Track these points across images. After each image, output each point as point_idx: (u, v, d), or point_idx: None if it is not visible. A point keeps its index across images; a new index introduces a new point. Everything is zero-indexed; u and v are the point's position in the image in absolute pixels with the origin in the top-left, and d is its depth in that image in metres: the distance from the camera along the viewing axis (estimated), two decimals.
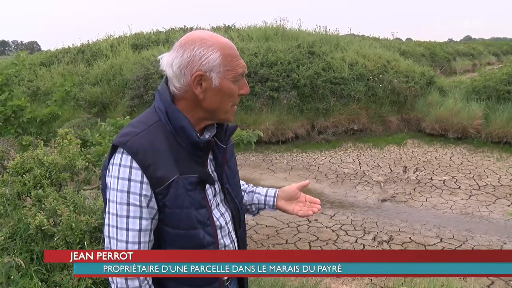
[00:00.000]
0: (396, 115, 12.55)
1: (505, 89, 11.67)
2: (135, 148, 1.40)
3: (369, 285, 4.94)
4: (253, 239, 6.23)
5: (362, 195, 8.17)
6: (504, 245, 6.10)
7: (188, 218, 1.45)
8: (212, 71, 1.44)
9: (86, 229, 2.99)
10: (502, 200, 7.81)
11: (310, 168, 9.85)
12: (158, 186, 1.41)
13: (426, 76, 13.78)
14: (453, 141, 11.52)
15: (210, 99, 1.48)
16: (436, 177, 9.15)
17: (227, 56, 1.46)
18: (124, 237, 1.41)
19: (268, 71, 12.25)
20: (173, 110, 1.47)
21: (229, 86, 1.48)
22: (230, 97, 1.51)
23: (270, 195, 1.88)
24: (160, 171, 1.40)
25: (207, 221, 1.50)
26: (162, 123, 1.47)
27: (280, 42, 14.65)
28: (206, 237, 1.50)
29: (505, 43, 46.45)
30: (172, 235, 1.46)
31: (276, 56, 12.94)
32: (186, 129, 1.45)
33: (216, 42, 1.47)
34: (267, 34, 15.77)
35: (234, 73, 1.48)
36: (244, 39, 15.37)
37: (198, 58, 1.44)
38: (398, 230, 6.60)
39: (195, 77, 1.44)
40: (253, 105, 11.69)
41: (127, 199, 1.40)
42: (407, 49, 21.91)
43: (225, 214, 1.63)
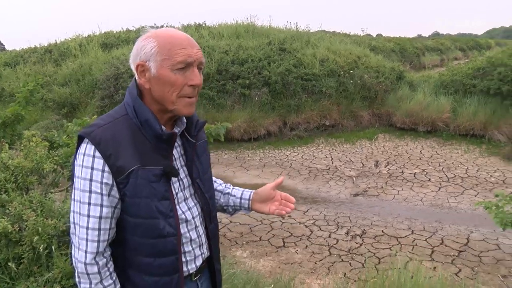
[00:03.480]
0: (367, 110, 12.68)
1: (471, 83, 11.91)
2: (98, 138, 1.45)
3: (343, 279, 4.98)
4: (227, 237, 6.22)
5: (334, 190, 8.23)
6: (471, 233, 6.26)
7: (148, 208, 1.49)
8: (150, 60, 1.48)
9: (54, 233, 2.93)
10: (470, 191, 8.00)
11: (282, 164, 9.88)
12: (118, 175, 1.46)
13: (396, 71, 13.98)
14: (423, 135, 11.72)
15: (154, 89, 1.51)
16: (407, 170, 9.29)
17: (166, 45, 1.47)
18: (85, 223, 1.46)
19: (239, 68, 12.23)
20: (139, 104, 1.52)
21: (168, 75, 1.48)
22: (172, 86, 1.49)
23: (245, 198, 1.92)
24: (121, 161, 1.45)
25: (169, 212, 1.54)
26: (128, 117, 1.52)
27: (251, 39, 14.64)
28: (167, 227, 1.53)
29: (470, 39, 47.50)
30: (132, 223, 1.51)
31: (247, 54, 12.93)
32: (150, 121, 1.50)
33: (158, 33, 1.51)
34: (238, 31, 15.75)
35: (172, 61, 1.47)
36: (215, 37, 15.31)
37: (139, 50, 1.50)
38: (370, 223, 6.68)
39: (137, 67, 1.51)
40: (225, 103, 11.66)
41: (89, 186, 1.45)
42: (377, 45, 22.16)
43: (193, 208, 1.67)
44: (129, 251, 1.54)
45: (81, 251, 1.47)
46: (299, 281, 5.02)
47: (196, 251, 1.68)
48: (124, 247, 1.54)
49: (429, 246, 5.91)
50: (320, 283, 4.95)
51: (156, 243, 1.53)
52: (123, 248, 1.54)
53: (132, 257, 1.55)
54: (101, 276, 1.48)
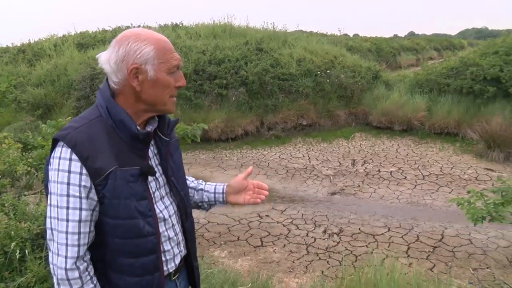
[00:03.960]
0: (343, 109, 12.78)
1: (445, 82, 12.11)
2: (74, 141, 1.44)
3: (320, 277, 5.02)
4: (205, 237, 6.21)
5: (312, 189, 8.28)
6: (445, 229, 6.37)
7: (127, 208, 1.49)
8: (147, 63, 1.49)
9: (27, 237, 2.88)
10: (444, 188, 8.14)
11: (260, 164, 9.90)
12: (96, 178, 1.44)
13: (372, 71, 14.13)
14: (399, 133, 11.87)
15: (148, 91, 1.53)
16: (384, 169, 9.39)
17: (161, 49, 1.52)
18: (64, 227, 1.44)
19: (216, 68, 12.20)
20: (113, 104, 1.51)
21: (164, 78, 1.54)
22: (167, 89, 1.56)
23: (218, 191, 1.96)
24: (99, 162, 1.44)
25: (148, 212, 1.55)
26: (102, 118, 1.51)
27: (228, 39, 14.61)
28: (147, 227, 1.54)
29: (444, 39, 48.28)
30: (111, 225, 1.50)
31: (224, 54, 12.91)
32: (125, 122, 1.50)
33: (150, 36, 1.53)
34: (215, 31, 15.70)
35: (169, 65, 1.53)
36: (192, 37, 15.22)
37: (133, 52, 1.48)
38: (348, 222, 6.74)
39: (131, 70, 1.49)
40: (202, 103, 11.62)
41: (67, 190, 1.43)
42: (354, 45, 22.38)
43: (169, 207, 1.68)
44: (109, 253, 1.53)
45: (60, 256, 1.44)
46: (277, 280, 5.04)
47: (175, 250, 1.69)
48: (104, 249, 1.53)
49: (405, 243, 5.99)
50: (298, 282, 4.97)
51: (137, 243, 1.53)
52: (103, 250, 1.53)
53: (112, 259, 1.54)
54: (82, 281, 1.47)
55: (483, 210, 3.74)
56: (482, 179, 8.49)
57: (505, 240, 6.00)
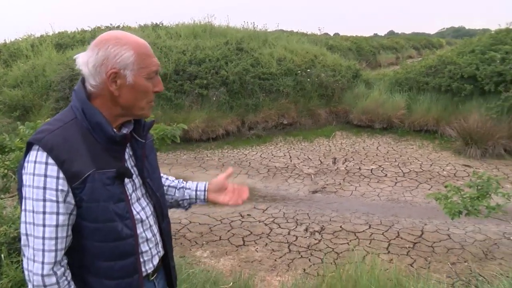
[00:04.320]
0: (324, 108, 12.83)
1: (424, 80, 12.25)
2: (50, 144, 1.42)
3: (303, 275, 5.04)
4: (186, 238, 6.19)
5: (293, 188, 8.31)
6: (425, 225, 6.46)
7: (106, 212, 1.48)
8: (126, 68, 1.49)
9: (3, 240, 2.84)
10: (424, 185, 8.24)
11: (241, 163, 9.90)
12: (74, 181, 1.43)
13: (352, 70, 14.21)
14: (379, 131, 11.97)
15: (126, 96, 1.52)
16: (364, 167, 9.47)
17: (141, 55, 1.52)
18: (40, 233, 1.41)
19: (196, 68, 12.16)
20: (89, 107, 1.50)
21: (143, 83, 1.54)
22: (145, 94, 1.56)
23: (200, 189, 1.99)
24: (76, 166, 1.43)
25: (126, 214, 1.54)
26: (78, 121, 1.49)
27: (209, 39, 14.58)
28: (125, 229, 1.54)
29: (423, 38, 48.82)
30: (90, 229, 1.48)
31: (204, 53, 12.88)
32: (102, 124, 1.49)
33: (130, 41, 1.52)
34: (195, 31, 15.64)
35: (148, 70, 1.54)
36: (172, 37, 15.13)
37: (112, 56, 1.48)
38: (329, 219, 6.78)
39: (110, 75, 1.48)
40: (183, 103, 11.57)
41: (43, 195, 1.41)
42: (334, 44, 22.48)
43: (146, 208, 1.68)
44: (87, 257, 1.52)
45: (36, 263, 1.42)
46: (259, 279, 5.05)
47: (153, 250, 1.69)
48: (82, 253, 1.51)
49: (385, 239, 6.05)
50: (280, 280, 4.99)
51: (116, 246, 1.52)
52: (81, 254, 1.51)
53: (90, 263, 1.52)
54: (60, 287, 1.45)
55: (460, 205, 3.80)
56: (460, 175, 8.62)
57: (482, 234, 6.12)
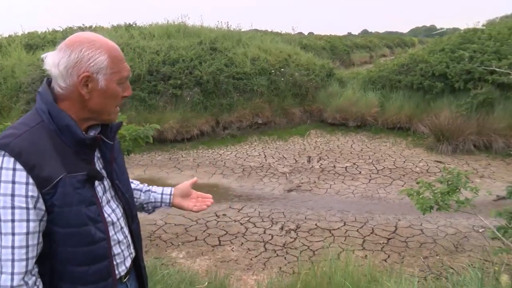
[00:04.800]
0: (298, 107, 12.87)
1: (396, 78, 12.42)
2: (17, 149, 1.37)
3: (279, 273, 5.06)
4: (162, 239, 6.15)
5: (268, 187, 8.33)
6: (398, 221, 6.57)
7: (78, 216, 1.45)
8: (99, 72, 1.48)
9: None
10: (397, 181, 8.36)
11: (216, 163, 9.87)
12: (44, 186, 1.39)
13: (326, 69, 14.30)
14: (353, 129, 12.08)
15: (96, 100, 1.50)
16: (339, 165, 9.55)
17: (114, 59, 1.51)
18: (9, 242, 1.36)
19: (170, 69, 12.08)
20: (56, 110, 1.47)
21: (114, 88, 1.53)
22: (115, 99, 1.56)
23: (166, 193, 2.00)
24: (46, 171, 1.39)
25: (97, 217, 1.52)
26: (45, 124, 1.46)
27: (182, 39, 14.48)
28: (98, 233, 1.51)
29: (396, 36, 49.49)
30: (62, 234, 1.45)
31: (178, 54, 12.79)
32: (71, 127, 1.46)
33: (104, 44, 1.50)
34: (169, 31, 15.52)
35: (120, 75, 1.53)
36: (145, 37, 14.97)
37: (86, 60, 1.45)
38: (304, 218, 6.82)
39: (82, 78, 1.45)
40: (156, 104, 11.48)
41: (11, 202, 1.35)
42: (308, 43, 22.58)
43: (116, 210, 1.66)
44: (60, 263, 1.48)
45: (5, 274, 1.35)
46: (236, 278, 5.05)
47: (125, 252, 1.68)
48: (54, 260, 1.47)
49: (360, 236, 6.12)
50: (256, 279, 5.00)
51: (89, 250, 1.50)
52: (52, 261, 1.47)
53: (63, 269, 1.49)
54: None
55: (431, 200, 3.87)
56: (432, 171, 8.77)
57: (453, 227, 6.26)
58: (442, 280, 4.20)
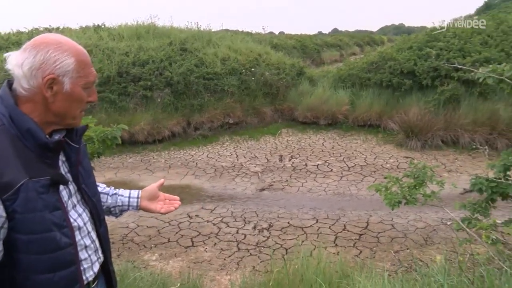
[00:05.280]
0: (269, 106, 12.92)
1: (366, 76, 12.59)
2: None
3: (252, 272, 5.06)
4: (134, 242, 6.08)
5: (241, 187, 8.33)
6: (370, 217, 6.66)
7: (42, 221, 1.39)
8: (65, 76, 1.44)
9: None
10: (368, 178, 8.46)
11: (188, 164, 9.82)
12: (5, 192, 1.32)
13: (296, 68, 14.39)
14: (324, 128, 12.18)
15: (60, 104, 1.46)
16: (310, 163, 9.61)
17: (81, 63, 1.48)
18: None
19: (140, 70, 11.96)
20: (18, 113, 1.41)
21: (80, 92, 1.50)
22: (79, 103, 1.52)
23: (133, 196, 1.97)
24: (7, 176, 1.32)
25: (63, 222, 1.46)
26: (5, 127, 1.39)
27: (152, 40, 14.35)
28: (63, 238, 1.45)
29: (366, 35, 50.17)
30: (25, 241, 1.38)
31: (148, 55, 12.67)
32: (33, 131, 1.40)
33: (72, 47, 1.47)
34: (138, 32, 15.34)
35: (86, 80, 1.50)
36: (115, 38, 14.78)
37: (52, 62, 1.42)
38: (277, 216, 6.84)
39: (47, 80, 1.41)
40: (127, 106, 11.35)
41: None
42: (279, 43, 22.66)
43: (83, 214, 1.61)
44: (22, 272, 1.42)
45: None
46: (209, 279, 5.04)
47: (93, 257, 1.64)
48: (15, 268, 1.41)
49: (333, 233, 6.18)
50: (230, 279, 4.99)
51: (55, 257, 1.44)
52: (14, 269, 1.41)
53: (25, 277, 1.42)
54: None
55: (399, 195, 3.92)
56: (402, 167, 8.90)
57: (422, 221, 6.39)
58: (412, 272, 4.26)
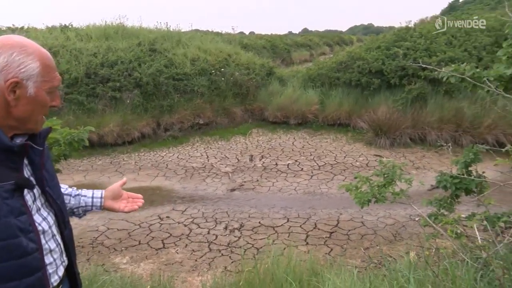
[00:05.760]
0: (240, 106, 12.94)
1: (335, 76, 12.71)
2: None
3: (224, 273, 5.05)
4: (104, 245, 6.00)
5: (211, 187, 8.31)
6: (340, 215, 6.73)
7: (8, 228, 1.34)
8: (29, 79, 1.41)
9: None
10: (339, 176, 8.55)
11: (158, 166, 9.74)
12: None
13: (266, 68, 14.45)
14: (294, 127, 12.25)
15: (22, 108, 1.42)
16: (281, 162, 9.65)
17: (46, 67, 1.44)
18: None
19: (109, 71, 11.80)
20: None
21: (44, 97, 1.46)
22: (42, 108, 1.49)
23: (96, 196, 1.95)
24: None
25: (29, 227, 1.42)
26: None
27: (121, 40, 14.18)
28: (30, 244, 1.41)
29: (336, 35, 50.76)
30: None
31: (117, 55, 12.52)
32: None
33: (37, 51, 1.44)
34: (106, 32, 15.14)
35: (51, 84, 1.47)
36: (82, 39, 14.53)
37: (16, 65, 1.38)
38: (248, 216, 6.85)
39: (11, 83, 1.37)
40: (95, 107, 11.18)
41: None
42: (249, 43, 22.67)
43: (47, 217, 1.57)
44: None
45: None
46: (181, 280, 5.01)
47: (58, 261, 1.60)
48: None
49: (304, 231, 6.22)
50: (201, 280, 4.97)
51: (21, 263, 1.40)
52: None
53: None
54: None
55: (369, 193, 3.97)
56: (372, 165, 9.03)
57: (392, 218, 6.50)
58: (381, 268, 4.32)
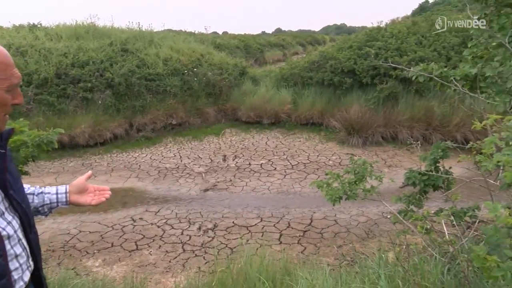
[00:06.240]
0: (212, 106, 12.92)
1: (308, 75, 12.79)
2: None
3: (197, 273, 5.03)
4: (76, 248, 5.91)
5: (185, 188, 8.27)
6: (314, 214, 6.78)
7: None
8: None
9: None
10: (312, 175, 8.61)
11: (131, 167, 9.65)
12: None
13: (239, 67, 14.46)
14: (267, 127, 12.29)
15: None
16: (254, 162, 9.67)
17: (2, 65, 1.38)
18: None
19: (80, 71, 11.63)
20: None
21: (2, 96, 1.40)
22: (3, 107, 1.43)
23: (61, 192, 1.88)
24: None
25: None
26: None
27: (92, 40, 14.00)
28: None
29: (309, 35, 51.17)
30: None
31: (88, 55, 12.35)
32: None
33: None
34: (77, 32, 14.92)
35: (9, 82, 1.41)
36: (52, 38, 14.27)
37: None
38: (221, 216, 6.84)
39: None
40: (66, 108, 11.00)
41: None
42: (222, 42, 22.63)
43: (12, 222, 1.52)
44: None
45: None
46: (155, 282, 4.98)
47: (23, 266, 1.55)
48: None
49: (277, 230, 6.24)
50: (175, 281, 4.94)
51: None
52: None
53: None
54: None
55: (340, 190, 4.01)
56: (344, 164, 9.10)
57: (364, 216, 6.57)
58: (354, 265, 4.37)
